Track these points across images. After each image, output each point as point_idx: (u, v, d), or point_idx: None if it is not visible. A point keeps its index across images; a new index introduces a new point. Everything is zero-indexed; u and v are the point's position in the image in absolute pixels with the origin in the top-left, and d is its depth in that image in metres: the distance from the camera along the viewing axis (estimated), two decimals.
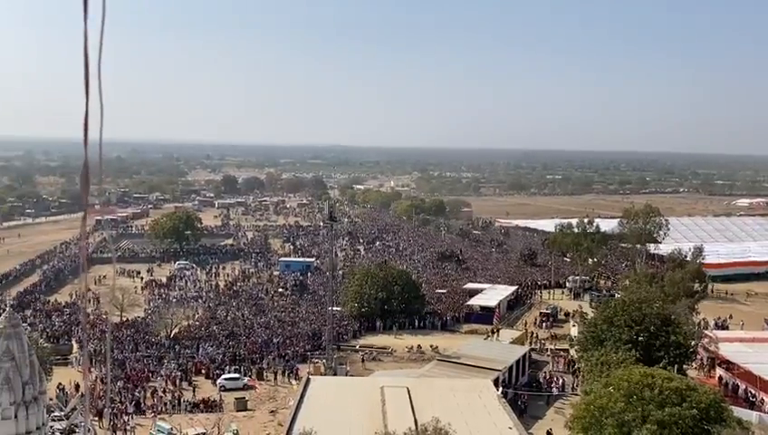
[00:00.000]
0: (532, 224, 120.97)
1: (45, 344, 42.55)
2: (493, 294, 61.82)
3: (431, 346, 49.56)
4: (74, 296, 62.83)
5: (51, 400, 31.51)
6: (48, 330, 50.53)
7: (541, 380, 42.84)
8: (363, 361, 46.77)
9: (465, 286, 67.92)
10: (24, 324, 16.39)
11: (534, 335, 52.86)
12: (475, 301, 60.20)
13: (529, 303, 65.35)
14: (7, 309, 17.71)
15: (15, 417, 15.23)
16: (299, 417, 27.55)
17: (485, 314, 57.03)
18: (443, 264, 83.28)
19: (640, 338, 38.03)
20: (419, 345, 49.83)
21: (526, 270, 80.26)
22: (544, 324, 56.78)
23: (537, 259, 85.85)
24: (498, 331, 51.64)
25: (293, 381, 41.94)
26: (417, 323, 56.26)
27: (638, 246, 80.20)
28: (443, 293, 66.17)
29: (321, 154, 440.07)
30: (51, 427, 22.46)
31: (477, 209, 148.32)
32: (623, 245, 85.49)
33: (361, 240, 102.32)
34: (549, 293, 69.07)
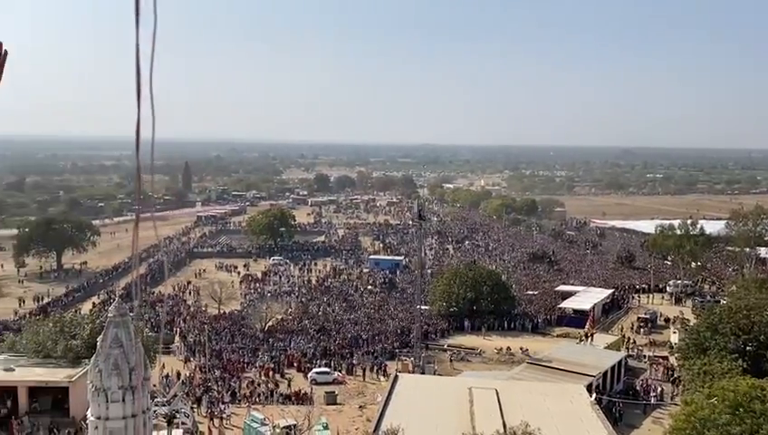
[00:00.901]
0: (629, 225, 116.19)
1: (149, 333, 45.20)
2: (587, 297, 59.77)
3: (521, 348, 48.60)
4: (176, 288, 66.39)
5: (154, 386, 33.37)
6: (152, 320, 53.67)
7: (637, 387, 40.95)
8: (451, 360, 46.51)
9: (557, 288, 66.16)
10: (130, 314, 17.45)
11: (631, 341, 50.69)
12: (568, 303, 58.46)
13: (626, 307, 62.66)
14: (116, 299, 18.94)
15: (123, 400, 16.23)
16: (387, 413, 27.75)
17: (578, 318, 55.18)
18: (534, 265, 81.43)
19: (748, 348, 35.63)
20: (509, 347, 48.99)
21: (623, 273, 77.07)
22: (642, 330, 54.29)
23: (635, 262, 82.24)
24: (592, 335, 49.80)
25: (382, 378, 42.34)
26: (506, 325, 55.34)
27: (747, 249, 75.18)
28: (534, 294, 64.73)
29: (411, 153, 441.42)
30: (154, 411, 23.80)
31: (571, 209, 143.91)
32: (730, 248, 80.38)
33: (450, 239, 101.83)
34: (647, 297, 65.98)
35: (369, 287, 69.14)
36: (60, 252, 77.72)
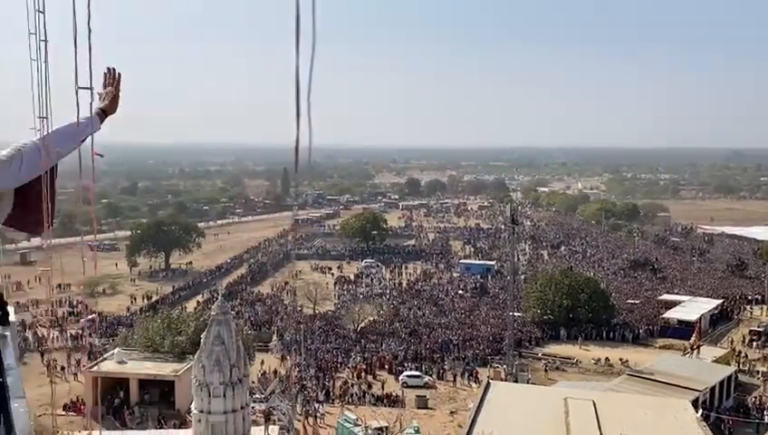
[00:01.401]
0: (741, 231, 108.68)
1: (249, 331, 47.06)
2: (693, 307, 56.49)
3: (620, 359, 46.67)
4: (275, 288, 68.77)
5: (252, 383, 34.71)
6: (252, 318, 55.82)
7: (749, 405, 38.26)
8: (546, 370, 45.35)
9: (660, 297, 62.98)
10: (231, 312, 18.26)
11: (742, 355, 47.40)
12: (672, 313, 55.50)
13: (736, 319, 58.66)
14: (219, 298, 19.87)
15: (224, 396, 17.01)
16: (478, 420, 27.43)
17: (684, 329, 52.26)
18: (635, 272, 77.91)
19: None
20: (607, 358, 47.15)
21: (733, 282, 72.21)
22: (755, 344, 50.63)
23: (747, 270, 76.85)
24: (698, 347, 47.03)
25: (473, 384, 41.93)
26: (605, 334, 53.28)
27: None
28: (635, 303, 61.95)
29: (504, 155, 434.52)
30: (252, 407, 24.75)
31: (676, 214, 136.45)
32: None
33: (545, 244, 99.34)
34: (761, 309, 61.42)
35: (460, 292, 68.65)
36: (168, 253, 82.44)
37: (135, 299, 65.38)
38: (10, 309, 3.28)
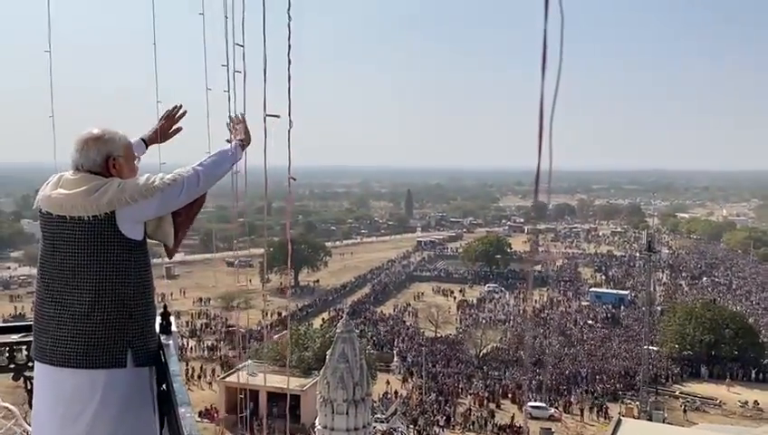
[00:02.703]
0: None
1: (371, 351, 47.72)
2: None
3: None
4: (397, 309, 69.40)
5: (374, 402, 35.06)
6: (374, 338, 56.60)
7: None
8: (685, 410, 41.95)
9: None
10: (355, 331, 18.60)
11: None
12: None
13: None
14: (344, 317, 20.35)
15: (347, 413, 17.30)
16: None
17: None
18: None
19: None
20: (756, 401, 42.80)
21: None
22: None
23: None
24: None
25: (602, 420, 39.68)
26: (754, 375, 48.47)
27: None
28: None
29: (640, 179, 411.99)
30: (374, 427, 24.97)
31: None
32: None
33: (684, 274, 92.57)
34: None
35: (590, 322, 65.51)
36: (297, 270, 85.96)
37: (266, 314, 68.63)
38: (172, 319, 3.53)
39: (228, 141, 3.49)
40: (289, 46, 3.22)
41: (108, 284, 2.97)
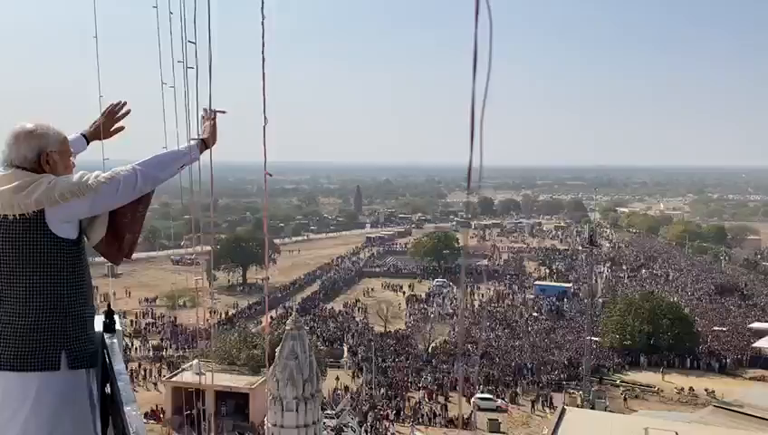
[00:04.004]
0: None
1: (321, 347, 47.65)
2: None
3: (706, 390, 44.16)
4: (347, 305, 69.41)
5: (324, 398, 35.02)
6: (324, 334, 56.48)
7: None
8: (625, 398, 43.48)
9: (750, 325, 59.30)
10: (305, 328, 18.55)
11: None
12: (764, 343, 52.05)
13: None
14: (293, 314, 20.25)
15: (297, 410, 17.26)
16: None
17: None
18: (722, 298, 73.77)
19: None
20: (692, 388, 44.73)
21: None
22: None
23: None
24: None
25: (547, 410, 40.73)
26: (689, 363, 50.62)
27: None
28: (722, 331, 58.57)
29: (582, 175, 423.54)
30: (323, 423, 24.94)
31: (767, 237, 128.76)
32: None
33: (624, 267, 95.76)
34: None
35: (535, 314, 67.07)
36: (245, 268, 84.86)
37: (213, 312, 67.51)
38: (116, 317, 3.45)
39: (193, 139, 3.38)
40: (263, 44, 3.19)
41: (40, 284, 2.85)
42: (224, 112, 3.45)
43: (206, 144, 3.36)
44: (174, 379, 38.91)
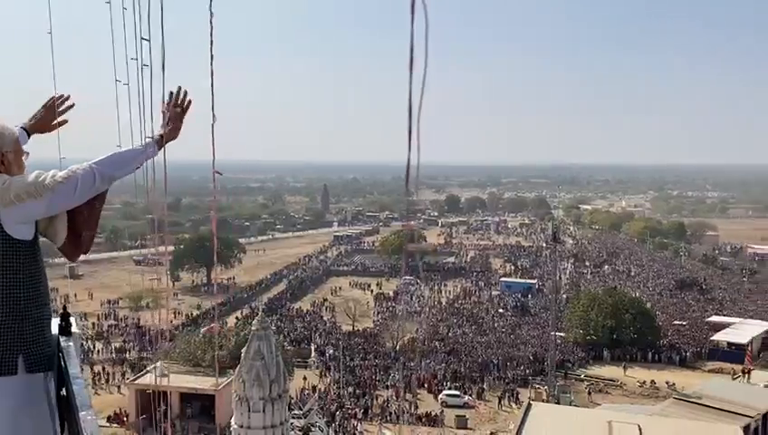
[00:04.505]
0: None
1: (288, 347, 47.35)
2: (743, 330, 54.52)
3: (667, 382, 45.26)
4: (314, 305, 69.10)
5: (291, 399, 34.80)
6: (291, 334, 56.13)
7: None
8: (589, 392, 44.28)
9: (708, 319, 61.03)
10: (271, 328, 18.39)
11: None
12: (722, 336, 53.65)
13: None
14: (259, 313, 20.05)
15: (263, 411, 17.09)
16: None
17: (734, 352, 50.42)
18: (682, 293, 75.71)
19: None
20: (653, 381, 45.78)
21: None
22: None
23: None
24: (749, 372, 45.29)
25: (513, 405, 41.22)
26: (650, 357, 51.79)
27: None
28: (682, 325, 60.13)
29: (546, 173, 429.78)
30: (291, 423, 24.79)
31: (725, 233, 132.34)
32: None
33: (588, 263, 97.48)
34: None
35: (501, 311, 67.82)
36: (210, 268, 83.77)
37: (178, 313, 66.50)
38: (72, 320, 3.35)
39: (148, 138, 3.29)
40: (211, 42, 3.12)
41: None
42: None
43: (164, 138, 3.28)
44: (137, 381, 38.21)
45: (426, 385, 44.98)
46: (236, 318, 62.48)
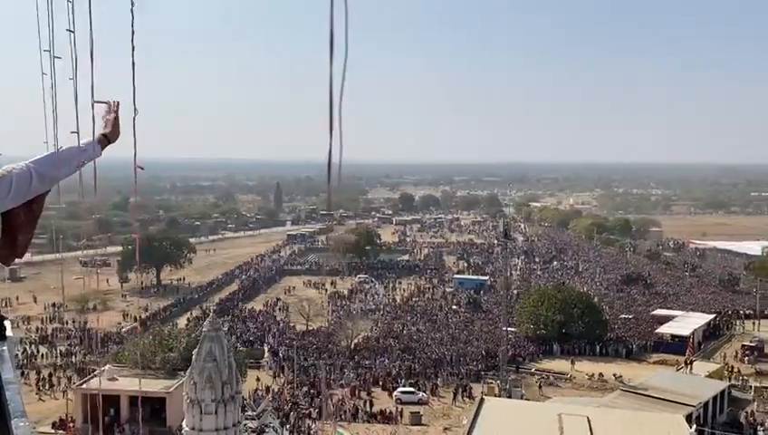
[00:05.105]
0: (733, 246, 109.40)
1: (241, 348, 46.72)
2: (686, 322, 56.65)
3: (614, 375, 46.57)
4: (267, 305, 68.35)
5: (244, 400, 34.35)
6: (244, 335, 55.40)
7: (742, 420, 38.25)
8: (540, 386, 45.20)
9: (653, 313, 63.14)
10: (223, 329, 18.11)
11: (735, 370, 47.49)
12: (665, 329, 55.59)
13: (729, 334, 58.86)
14: (211, 314, 19.73)
15: (216, 413, 16.83)
16: None
17: (677, 344, 52.32)
18: (628, 287, 78.07)
19: None
20: (601, 373, 47.05)
21: (726, 297, 72.51)
22: (747, 359, 50.73)
23: (739, 285, 77.30)
24: (692, 363, 47.09)
25: (467, 400, 41.71)
26: (598, 350, 53.21)
27: None
28: (628, 318, 61.98)
29: (497, 171, 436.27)
30: (244, 425, 24.50)
31: (668, 229, 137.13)
32: None
33: (537, 259, 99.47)
34: (753, 323, 61.60)
35: (454, 307, 68.53)
36: (159, 268, 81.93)
37: (126, 315, 64.83)
38: (7, 323, 3.21)
39: (73, 132, 3.18)
40: (132, 32, 3.05)
41: None
42: (106, 103, 3.23)
43: (107, 138, 3.18)
44: (84, 386, 37.07)
45: (380, 383, 45.10)
46: (187, 319, 61.32)
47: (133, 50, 3.09)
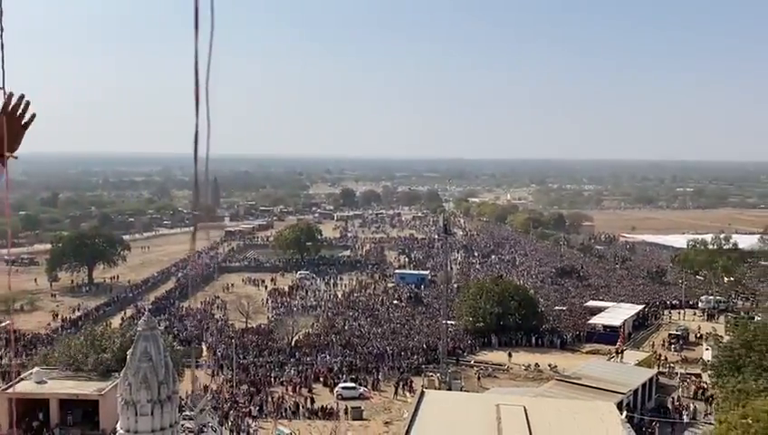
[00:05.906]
0: (660, 239, 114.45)
1: (178, 347, 45.59)
2: (617, 313, 58.87)
3: (549, 365, 47.95)
4: (205, 302, 66.97)
5: (182, 400, 33.62)
6: (181, 334, 54.12)
7: (669, 406, 40.11)
8: (479, 377, 46.05)
9: (586, 304, 65.29)
10: (159, 328, 17.63)
11: (662, 358, 49.72)
12: (598, 319, 57.59)
13: (656, 323, 61.57)
14: (146, 313, 19.19)
15: (152, 414, 16.38)
16: (413, 430, 27.50)
17: (608, 334, 54.35)
18: (562, 280, 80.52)
19: None
20: (537, 364, 48.36)
21: (654, 288, 75.81)
22: (673, 347, 53.25)
23: (666, 277, 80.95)
24: (622, 352, 49.04)
25: (408, 394, 42.09)
26: (534, 341, 54.65)
27: None
28: (562, 310, 63.91)
29: (437, 167, 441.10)
30: (182, 425, 23.96)
31: (600, 224, 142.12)
32: (765, 263, 78.50)
33: (476, 254, 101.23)
34: (679, 313, 64.72)
35: (395, 302, 68.96)
36: (91, 266, 79.06)
37: (56, 316, 62.26)
38: None
39: None
40: (0, 12, 2.90)
41: None
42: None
43: (8, 155, 2.98)
44: (11, 389, 35.35)
45: (322, 379, 44.96)
46: (121, 319, 59.41)
47: (2, 31, 2.93)
